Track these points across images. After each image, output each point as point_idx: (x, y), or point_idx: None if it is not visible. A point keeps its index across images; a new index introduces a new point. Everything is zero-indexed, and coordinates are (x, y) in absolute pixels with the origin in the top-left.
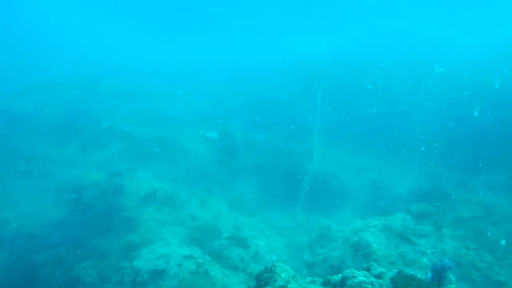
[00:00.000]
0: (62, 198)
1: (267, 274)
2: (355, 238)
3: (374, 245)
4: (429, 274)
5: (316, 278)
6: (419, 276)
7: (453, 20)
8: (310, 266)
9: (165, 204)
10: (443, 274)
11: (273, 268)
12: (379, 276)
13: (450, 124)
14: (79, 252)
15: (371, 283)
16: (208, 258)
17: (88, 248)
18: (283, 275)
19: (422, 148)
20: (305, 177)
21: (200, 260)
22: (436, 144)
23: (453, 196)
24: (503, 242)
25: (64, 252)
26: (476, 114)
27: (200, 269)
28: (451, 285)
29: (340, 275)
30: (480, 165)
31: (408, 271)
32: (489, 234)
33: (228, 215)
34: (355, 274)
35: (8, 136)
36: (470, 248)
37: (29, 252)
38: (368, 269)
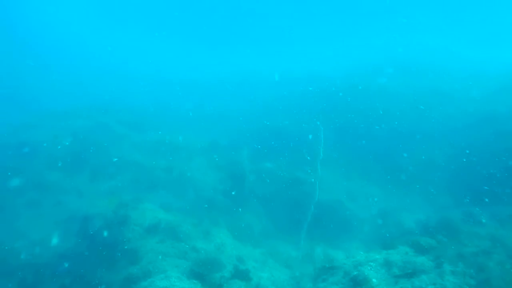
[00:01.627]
0: (70, 228)
1: None
2: (355, 273)
3: (374, 280)
4: None
5: None
6: None
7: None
8: None
9: (168, 236)
10: None
11: None
12: None
13: (467, 151)
14: (84, 285)
15: None
16: None
17: (92, 280)
18: None
19: (427, 179)
20: (312, 207)
21: None
22: (445, 173)
23: (460, 229)
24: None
25: (69, 284)
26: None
27: None
28: None
29: None
30: (486, 199)
31: None
32: (490, 269)
33: (232, 247)
34: None
35: (19, 165)
36: (471, 285)
37: (36, 283)
38: None
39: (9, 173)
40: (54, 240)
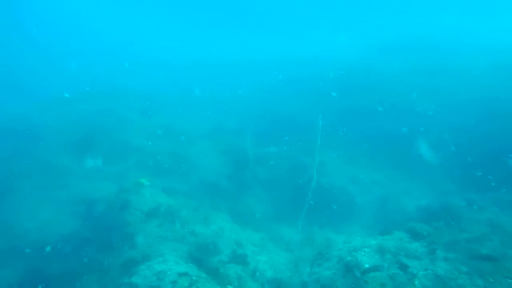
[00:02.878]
0: (75, 210)
1: None
2: (349, 258)
3: (366, 265)
4: None
5: None
6: None
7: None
8: (304, 285)
9: (167, 220)
10: None
11: None
12: None
13: (474, 135)
14: (86, 266)
15: None
16: (204, 275)
17: (94, 262)
18: None
19: (432, 163)
20: (315, 192)
21: (194, 278)
22: (450, 158)
23: (460, 215)
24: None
25: (73, 265)
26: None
27: (193, 287)
28: None
29: None
30: (493, 183)
31: None
32: (483, 256)
33: (231, 231)
34: None
35: (28, 149)
36: (462, 271)
37: (43, 263)
38: None
39: (17, 157)
40: (60, 223)
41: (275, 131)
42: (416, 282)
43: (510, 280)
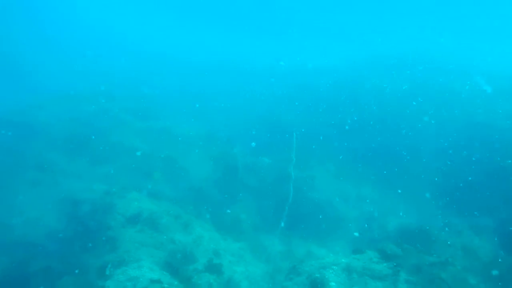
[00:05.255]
0: (62, 209)
1: None
2: (317, 275)
3: (332, 283)
4: None
5: None
6: None
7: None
8: None
9: (148, 226)
10: None
11: None
12: None
13: (449, 162)
14: (66, 266)
15: None
16: (176, 283)
17: (74, 263)
18: None
19: (421, 182)
20: (303, 205)
21: (165, 285)
22: (439, 179)
23: (435, 238)
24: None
25: (54, 264)
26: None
27: None
28: None
29: None
30: (475, 212)
31: None
32: (443, 281)
33: (210, 240)
34: None
35: (21, 146)
36: None
37: (25, 260)
38: None
39: (9, 152)
40: (46, 220)
41: (269, 141)
42: None
43: None
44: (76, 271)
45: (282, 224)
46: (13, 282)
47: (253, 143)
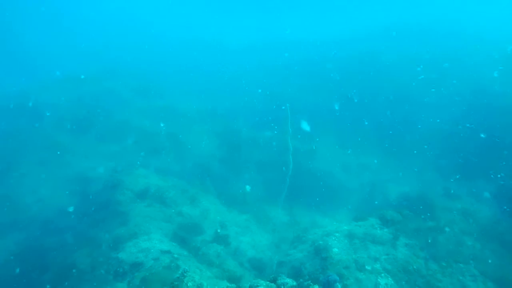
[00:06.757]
0: (73, 187)
1: (176, 283)
2: (320, 242)
3: (335, 249)
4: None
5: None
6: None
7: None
8: (279, 265)
9: (156, 201)
10: (331, 286)
11: (181, 277)
12: (278, 287)
13: (465, 125)
14: (80, 240)
15: None
16: (185, 253)
17: (87, 237)
18: (189, 284)
19: (421, 150)
20: (305, 175)
21: (175, 255)
22: (439, 146)
23: (436, 204)
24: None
25: (68, 239)
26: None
27: (172, 264)
28: None
29: (248, 283)
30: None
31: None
32: (439, 243)
33: (217, 213)
34: (258, 284)
35: (31, 127)
36: (420, 256)
37: (42, 236)
38: (274, 280)
39: (19, 133)
40: (58, 198)
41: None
42: (378, 265)
43: (461, 265)
44: (90, 245)
45: (286, 195)
46: (31, 256)
47: (257, 117)
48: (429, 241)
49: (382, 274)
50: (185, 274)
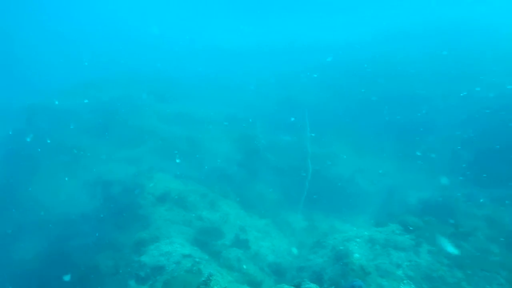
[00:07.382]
0: (94, 191)
1: (202, 286)
2: (341, 247)
3: (356, 255)
4: None
5: None
6: None
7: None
8: (300, 270)
9: (176, 205)
10: None
11: (208, 281)
12: None
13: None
14: (102, 242)
15: None
16: (206, 257)
17: (109, 240)
18: None
19: (441, 155)
20: (324, 180)
21: (197, 259)
22: (457, 154)
23: (457, 210)
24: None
25: (90, 241)
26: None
27: (194, 268)
28: None
29: None
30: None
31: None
32: (463, 250)
33: (236, 217)
34: None
35: (50, 131)
36: (444, 263)
37: (64, 238)
38: (298, 285)
39: (41, 139)
40: (81, 201)
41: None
42: (400, 272)
43: (487, 273)
44: (112, 247)
45: (304, 201)
46: (55, 257)
47: (275, 122)
48: (453, 248)
49: (405, 281)
50: (211, 278)
